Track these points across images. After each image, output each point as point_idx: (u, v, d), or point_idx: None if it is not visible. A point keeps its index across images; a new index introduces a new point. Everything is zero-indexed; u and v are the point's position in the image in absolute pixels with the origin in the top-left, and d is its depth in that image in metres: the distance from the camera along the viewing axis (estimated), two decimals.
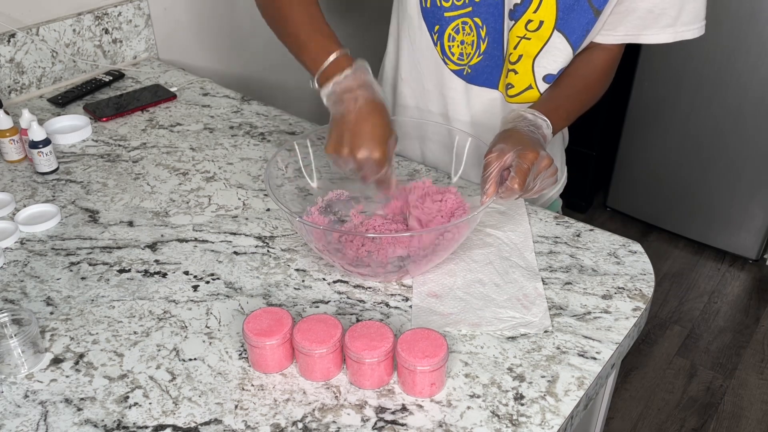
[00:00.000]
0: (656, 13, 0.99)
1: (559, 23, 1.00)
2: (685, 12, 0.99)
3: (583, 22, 1.00)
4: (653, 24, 1.00)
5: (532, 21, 1.01)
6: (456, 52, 1.08)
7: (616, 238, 1.00)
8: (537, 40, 1.02)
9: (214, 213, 1.05)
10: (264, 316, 0.78)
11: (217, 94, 1.44)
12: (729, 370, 2.13)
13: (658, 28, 1.01)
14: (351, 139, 0.86)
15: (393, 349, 0.74)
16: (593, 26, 1.01)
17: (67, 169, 1.17)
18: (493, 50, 1.06)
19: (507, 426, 0.71)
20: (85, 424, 0.72)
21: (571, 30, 1.01)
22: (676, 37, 1.01)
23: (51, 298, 0.89)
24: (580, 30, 1.01)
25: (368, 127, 0.87)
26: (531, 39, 1.02)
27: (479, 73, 1.09)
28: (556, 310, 0.86)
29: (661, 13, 0.99)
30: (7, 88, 1.38)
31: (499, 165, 0.87)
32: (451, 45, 1.08)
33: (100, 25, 1.49)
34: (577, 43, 1.03)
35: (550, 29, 1.01)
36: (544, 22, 1.01)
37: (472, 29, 1.05)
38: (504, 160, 0.87)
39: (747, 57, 2.20)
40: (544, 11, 1.00)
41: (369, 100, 0.88)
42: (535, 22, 1.01)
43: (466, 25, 1.05)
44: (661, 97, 2.43)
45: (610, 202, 2.78)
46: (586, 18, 1.00)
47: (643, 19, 1.00)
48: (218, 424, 0.72)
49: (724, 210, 2.49)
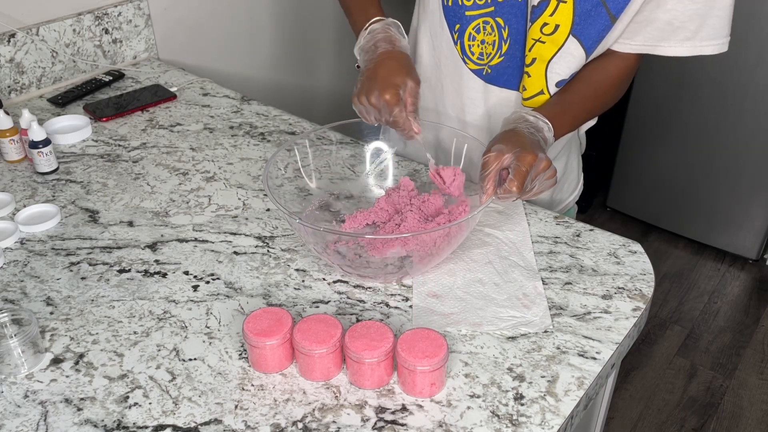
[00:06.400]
0: (675, 25, 0.97)
1: (575, 28, 0.99)
2: (707, 27, 0.96)
3: (599, 28, 0.99)
4: (671, 36, 0.98)
5: (547, 24, 0.99)
6: (476, 52, 1.07)
7: (616, 238, 1.00)
8: (552, 44, 1.01)
9: (214, 213, 1.05)
10: (264, 316, 0.78)
11: (217, 94, 1.44)
12: (729, 370, 2.13)
13: (676, 41, 0.98)
14: (368, 85, 0.94)
15: (393, 349, 0.74)
16: (609, 32, 1.00)
17: (67, 169, 1.17)
18: (514, 51, 1.05)
19: (507, 426, 0.71)
20: (85, 424, 0.72)
21: (586, 35, 1.00)
22: (694, 51, 0.99)
23: (51, 298, 0.89)
24: (596, 36, 1.00)
25: (382, 72, 0.95)
26: (546, 43, 1.01)
27: (500, 74, 1.08)
28: (556, 310, 0.86)
29: (681, 26, 0.96)
30: (7, 88, 1.38)
31: (498, 165, 0.87)
32: (471, 44, 1.07)
33: (100, 25, 1.49)
34: (591, 49, 1.01)
35: (566, 34, 1.00)
36: (560, 26, 0.99)
37: (494, 29, 1.04)
38: (502, 160, 0.87)
39: (747, 57, 2.20)
40: (561, 15, 0.98)
41: (387, 50, 0.97)
42: (551, 26, 0.99)
43: (487, 25, 1.04)
44: (661, 97, 2.43)
45: (610, 202, 2.78)
46: (603, 24, 0.98)
47: (662, 31, 0.98)
48: (218, 424, 0.72)
49: (724, 210, 2.49)
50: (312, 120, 1.34)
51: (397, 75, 0.94)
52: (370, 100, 0.94)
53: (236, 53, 1.85)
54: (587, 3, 0.97)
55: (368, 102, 0.95)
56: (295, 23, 1.99)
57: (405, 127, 0.95)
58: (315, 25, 2.06)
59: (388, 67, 0.95)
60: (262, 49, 1.91)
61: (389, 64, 0.96)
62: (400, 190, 1.01)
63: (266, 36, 1.91)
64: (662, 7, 0.95)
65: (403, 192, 1.01)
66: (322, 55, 2.12)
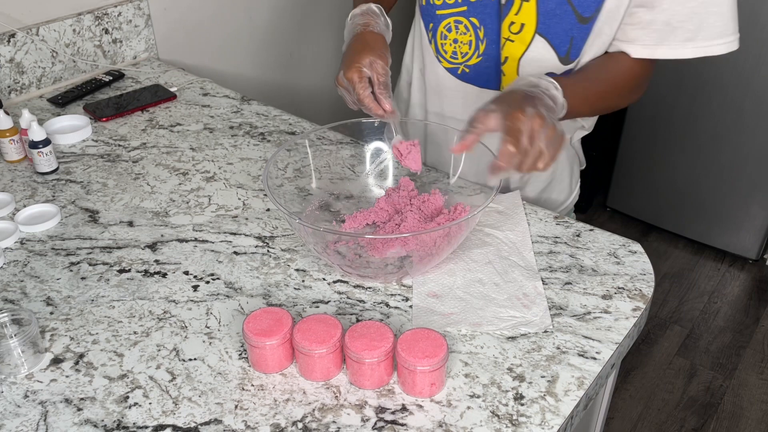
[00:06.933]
0: (673, 25, 0.95)
1: (540, 27, 0.99)
2: (707, 26, 0.94)
3: (566, 27, 0.98)
4: (670, 37, 0.95)
5: (514, 23, 1.00)
6: (449, 51, 1.08)
7: (616, 238, 1.00)
8: (520, 42, 1.01)
9: (214, 213, 1.05)
10: (264, 316, 0.78)
11: (217, 94, 1.44)
12: (729, 370, 2.13)
13: (676, 42, 0.95)
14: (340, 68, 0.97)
15: (393, 349, 0.74)
16: (581, 33, 0.99)
17: (67, 169, 1.17)
18: (491, 51, 1.05)
19: (507, 426, 0.71)
20: (85, 424, 0.72)
21: (553, 35, 0.99)
22: (698, 52, 0.96)
23: (51, 298, 0.89)
24: (564, 35, 0.99)
25: (348, 53, 0.98)
26: (515, 41, 1.02)
27: (479, 74, 1.09)
28: (556, 310, 0.86)
29: (679, 26, 0.94)
30: (7, 88, 1.38)
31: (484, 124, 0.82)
32: (444, 43, 1.08)
33: (100, 25, 1.49)
34: (562, 50, 1.00)
35: (532, 32, 1.00)
36: (525, 25, 1.00)
37: (468, 29, 1.04)
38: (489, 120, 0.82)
39: (747, 57, 2.20)
40: (525, 14, 0.99)
41: (358, 32, 0.99)
42: (517, 24, 1.00)
43: (460, 25, 1.04)
44: (661, 97, 2.43)
45: (610, 202, 2.78)
46: (570, 23, 0.98)
47: (660, 32, 0.96)
48: (218, 424, 0.72)
49: (724, 210, 2.49)
50: (312, 120, 1.34)
51: (360, 54, 0.95)
52: (341, 82, 0.96)
53: (236, 53, 1.85)
54: (551, 2, 0.96)
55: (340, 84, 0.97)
56: (295, 23, 1.99)
57: (373, 106, 0.95)
58: (315, 25, 2.06)
59: (353, 49, 0.97)
60: (262, 49, 1.91)
61: (355, 46, 0.98)
62: (400, 190, 1.01)
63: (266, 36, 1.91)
64: (658, 7, 0.94)
65: (403, 192, 1.01)
66: (323, 55, 2.12)
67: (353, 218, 0.99)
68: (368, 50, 0.96)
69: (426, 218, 0.96)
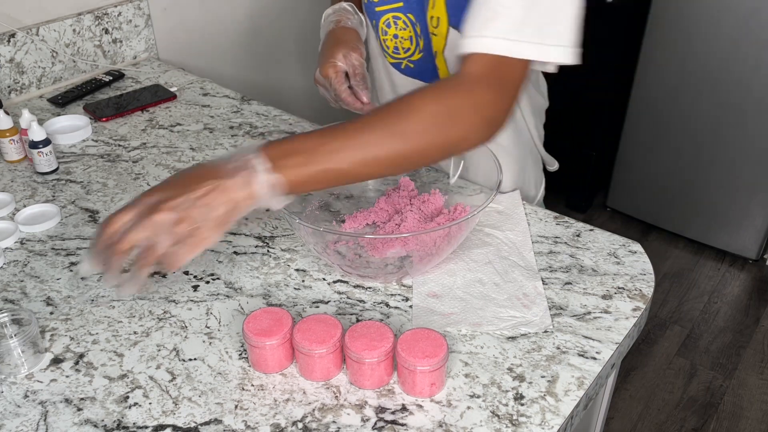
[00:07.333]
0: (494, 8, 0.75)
1: (451, 20, 1.00)
2: (531, 21, 0.75)
3: None
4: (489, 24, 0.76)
5: (433, 17, 1.01)
6: (390, 46, 1.09)
7: (616, 238, 1.00)
8: (440, 37, 1.02)
9: None
10: (264, 316, 0.78)
11: (217, 94, 1.44)
12: (729, 370, 2.13)
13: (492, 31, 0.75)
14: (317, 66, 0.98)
15: (393, 349, 0.74)
16: None
17: (67, 169, 1.17)
18: (428, 46, 1.06)
19: (507, 426, 0.71)
20: (85, 424, 0.72)
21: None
22: (512, 50, 0.74)
23: (51, 298, 0.89)
24: None
25: (322, 51, 0.99)
26: (437, 35, 1.02)
27: (423, 69, 1.09)
28: (556, 310, 0.86)
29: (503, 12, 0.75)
30: (7, 88, 1.38)
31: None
32: (386, 39, 1.09)
33: (100, 25, 1.49)
34: None
35: (446, 26, 1.01)
36: (440, 19, 1.00)
37: (407, 25, 1.04)
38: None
39: (747, 57, 2.20)
40: (438, 9, 0.99)
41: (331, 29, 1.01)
42: (435, 19, 1.01)
43: (399, 20, 1.05)
44: (661, 97, 2.43)
45: (610, 202, 2.78)
46: None
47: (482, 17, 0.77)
48: (218, 424, 0.72)
49: (724, 210, 2.49)
50: (312, 120, 1.34)
51: (333, 49, 0.97)
52: (318, 81, 0.98)
53: (236, 53, 1.85)
54: None
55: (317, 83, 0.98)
56: (295, 23, 1.99)
57: (350, 101, 0.96)
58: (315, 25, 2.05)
59: (327, 45, 0.99)
60: (262, 49, 1.91)
61: (328, 43, 0.99)
62: (400, 190, 1.01)
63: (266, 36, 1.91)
64: None
65: (403, 192, 1.01)
66: None
67: (353, 218, 0.99)
68: (341, 44, 0.97)
69: (426, 218, 0.96)
